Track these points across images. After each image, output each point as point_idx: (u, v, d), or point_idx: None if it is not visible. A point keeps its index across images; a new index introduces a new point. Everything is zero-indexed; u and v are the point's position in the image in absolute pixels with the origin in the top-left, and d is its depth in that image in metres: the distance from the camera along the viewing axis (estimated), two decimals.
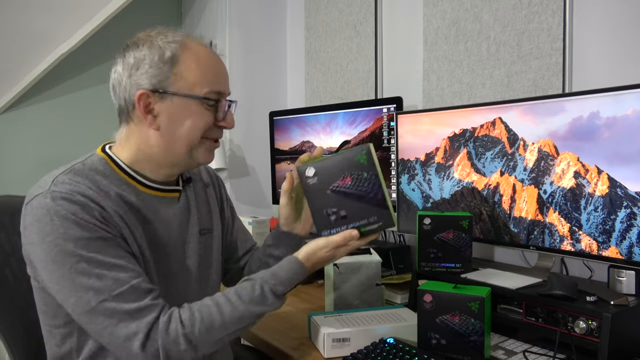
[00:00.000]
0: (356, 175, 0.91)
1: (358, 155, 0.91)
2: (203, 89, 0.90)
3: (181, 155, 0.92)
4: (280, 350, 1.10)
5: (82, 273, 0.79)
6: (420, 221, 1.24)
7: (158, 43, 0.88)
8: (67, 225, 0.79)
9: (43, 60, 2.16)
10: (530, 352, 1.02)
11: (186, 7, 2.63)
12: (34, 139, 2.29)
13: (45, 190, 0.82)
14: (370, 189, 0.91)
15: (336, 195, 0.92)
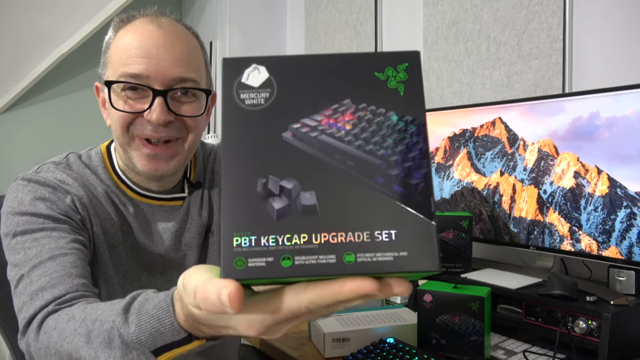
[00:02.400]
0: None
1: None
2: (117, 71, 0.74)
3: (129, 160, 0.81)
4: (280, 350, 1.10)
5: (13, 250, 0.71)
6: None
7: (110, 27, 0.80)
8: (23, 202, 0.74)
9: (43, 60, 2.17)
10: (530, 352, 1.02)
11: (186, 7, 2.63)
12: (34, 139, 2.30)
13: (26, 173, 0.79)
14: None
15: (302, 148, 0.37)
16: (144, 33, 0.74)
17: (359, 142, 0.36)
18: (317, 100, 0.37)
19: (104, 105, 0.81)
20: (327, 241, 0.35)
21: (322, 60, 0.38)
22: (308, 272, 0.34)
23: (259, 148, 0.36)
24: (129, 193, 0.85)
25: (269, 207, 0.35)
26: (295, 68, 0.37)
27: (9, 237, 0.73)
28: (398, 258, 0.35)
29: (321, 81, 0.37)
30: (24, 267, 0.68)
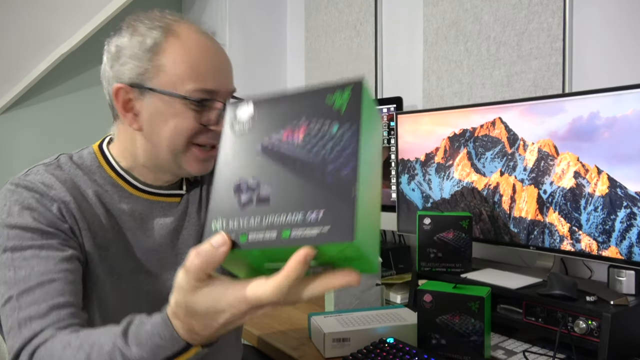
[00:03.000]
0: (317, 128, 0.48)
1: (334, 92, 0.48)
2: (187, 86, 0.76)
3: (166, 162, 0.81)
4: (280, 350, 1.10)
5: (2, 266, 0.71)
6: (420, 221, 1.24)
7: (141, 29, 0.76)
8: (12, 212, 0.73)
9: (43, 60, 2.17)
10: (530, 352, 1.02)
11: (186, 7, 2.63)
12: (34, 139, 2.30)
13: (15, 177, 0.78)
14: (334, 156, 0.46)
15: (267, 157, 0.48)
16: (205, 47, 0.77)
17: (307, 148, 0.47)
18: (282, 121, 0.49)
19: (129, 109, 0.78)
20: (272, 221, 0.45)
21: (292, 94, 0.50)
22: (256, 245, 0.45)
23: (238, 159, 0.50)
24: (128, 189, 0.84)
25: (238, 199, 0.48)
26: (271, 101, 0.51)
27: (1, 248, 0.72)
28: (321, 232, 0.43)
29: (287, 108, 0.50)
30: (12, 288, 0.68)
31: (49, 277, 0.69)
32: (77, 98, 2.38)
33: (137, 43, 0.75)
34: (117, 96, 0.77)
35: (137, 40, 0.76)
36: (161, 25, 0.76)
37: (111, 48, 0.78)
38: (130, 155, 0.83)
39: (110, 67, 0.78)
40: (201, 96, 0.77)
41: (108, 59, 0.79)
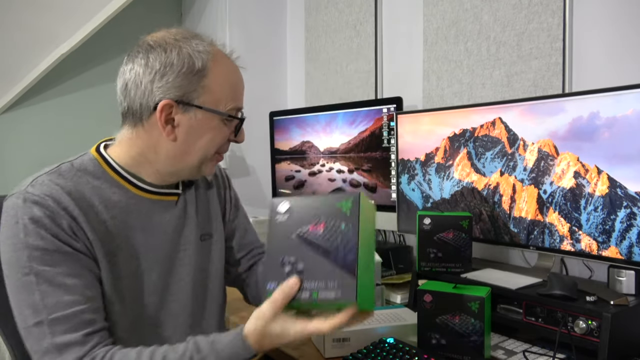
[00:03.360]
0: (332, 224, 0.72)
1: (342, 201, 0.72)
2: (227, 105, 0.86)
3: (189, 167, 0.88)
4: (280, 350, 1.10)
5: (26, 287, 0.75)
6: (420, 221, 1.24)
7: (188, 51, 0.83)
8: (28, 232, 0.76)
9: (43, 60, 2.17)
10: (530, 352, 1.02)
11: (186, 7, 2.63)
12: (34, 139, 2.29)
13: (20, 190, 0.79)
14: (342, 245, 0.70)
15: (301, 242, 0.73)
16: (237, 71, 0.90)
17: (326, 238, 0.72)
18: (309, 218, 0.74)
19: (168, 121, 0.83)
20: (305, 286, 0.71)
21: (315, 198, 0.75)
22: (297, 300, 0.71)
23: (281, 241, 0.74)
24: (132, 189, 0.88)
25: (283, 270, 0.73)
26: (299, 201, 0.75)
27: (21, 272, 0.75)
28: (336, 295, 0.69)
29: (312, 208, 0.74)
30: (41, 313, 0.75)
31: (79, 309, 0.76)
32: (77, 98, 2.38)
33: (186, 64, 0.82)
34: (162, 110, 0.82)
35: (185, 62, 0.82)
36: (208, 51, 0.85)
37: (154, 63, 0.82)
38: (145, 159, 0.87)
39: (150, 81, 0.82)
40: (235, 114, 0.88)
41: (148, 73, 0.82)
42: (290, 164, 1.95)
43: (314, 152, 1.86)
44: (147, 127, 0.85)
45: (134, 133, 0.87)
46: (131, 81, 0.83)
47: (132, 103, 0.84)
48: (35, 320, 0.75)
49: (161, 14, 2.62)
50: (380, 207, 1.63)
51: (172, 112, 0.83)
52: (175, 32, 0.85)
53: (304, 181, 1.90)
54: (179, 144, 0.85)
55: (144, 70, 0.82)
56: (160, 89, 0.82)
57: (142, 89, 0.83)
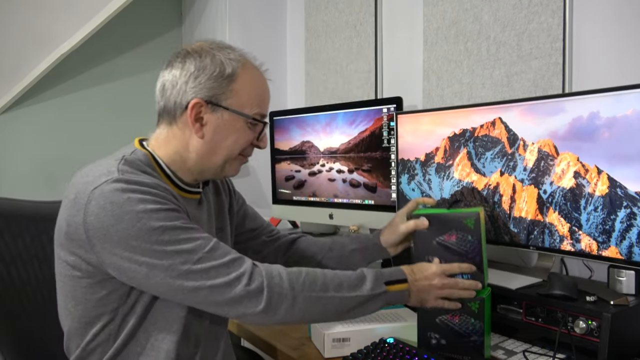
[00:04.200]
0: (462, 235, 0.99)
1: (468, 219, 0.98)
2: (253, 110, 0.95)
3: (215, 166, 0.96)
4: (280, 350, 1.10)
5: (170, 241, 0.81)
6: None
7: (220, 57, 0.92)
8: (144, 201, 0.81)
9: (43, 60, 2.17)
10: (530, 352, 1.02)
11: (186, 7, 2.63)
12: (34, 139, 2.30)
13: (112, 177, 0.83)
14: (471, 251, 0.98)
15: (440, 246, 1.00)
16: (264, 81, 0.98)
17: (458, 245, 1.00)
18: (444, 230, 1.01)
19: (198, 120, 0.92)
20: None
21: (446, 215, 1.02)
22: None
23: (426, 245, 1.03)
24: (175, 190, 0.94)
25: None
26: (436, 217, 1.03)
27: (155, 235, 0.81)
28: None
29: (446, 223, 1.01)
30: (196, 252, 0.82)
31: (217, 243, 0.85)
32: (77, 98, 2.38)
33: (218, 69, 0.92)
34: (193, 108, 0.91)
35: (217, 67, 0.92)
36: (238, 59, 0.94)
37: (189, 67, 0.92)
38: (180, 157, 0.95)
39: (185, 82, 0.91)
40: (260, 118, 0.96)
41: (183, 75, 0.92)
42: (290, 164, 1.95)
43: (314, 152, 1.86)
44: (180, 125, 0.93)
45: (170, 132, 0.95)
46: (169, 82, 0.93)
47: (167, 102, 0.93)
48: (195, 259, 0.81)
49: (161, 14, 2.62)
50: (380, 207, 1.63)
51: (202, 111, 0.92)
52: (211, 42, 0.96)
53: (304, 181, 1.90)
54: (206, 142, 0.93)
55: (181, 72, 0.92)
56: (193, 89, 0.91)
57: (177, 89, 0.92)
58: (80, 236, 0.83)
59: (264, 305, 0.82)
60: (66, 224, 0.85)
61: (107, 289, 0.86)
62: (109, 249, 0.81)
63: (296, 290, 0.85)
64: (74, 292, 0.88)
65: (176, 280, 0.81)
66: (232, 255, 0.85)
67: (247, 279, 0.83)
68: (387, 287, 0.92)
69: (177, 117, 0.93)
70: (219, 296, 0.82)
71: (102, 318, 0.88)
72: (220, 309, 0.84)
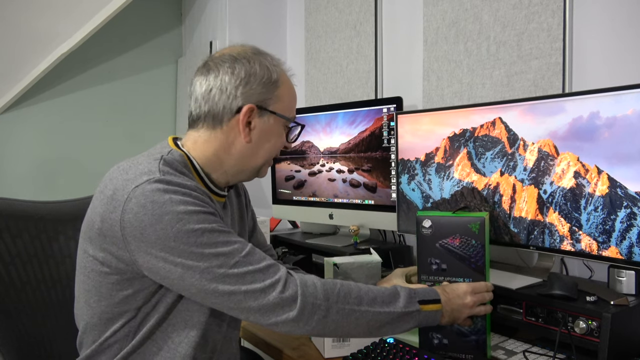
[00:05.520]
0: (465, 240, 1.00)
1: (472, 223, 0.99)
2: (292, 113, 1.01)
3: (252, 168, 0.99)
4: (280, 350, 1.10)
5: (208, 244, 0.81)
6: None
7: (266, 64, 0.96)
8: (185, 202, 0.82)
9: (43, 60, 2.17)
10: (530, 352, 1.02)
11: (186, 7, 2.63)
12: (34, 139, 2.30)
13: (154, 177, 0.83)
14: (474, 255, 0.99)
15: (443, 249, 1.01)
16: (293, 86, 1.02)
17: (461, 248, 1.00)
18: (447, 233, 1.01)
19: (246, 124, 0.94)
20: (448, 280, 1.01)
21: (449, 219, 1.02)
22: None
23: (429, 248, 1.03)
24: (204, 188, 0.95)
25: (431, 268, 1.02)
26: (439, 220, 1.02)
27: (193, 237, 0.81)
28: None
29: (449, 227, 1.01)
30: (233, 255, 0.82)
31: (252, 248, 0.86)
32: (77, 98, 2.38)
33: (267, 75, 0.95)
34: (245, 113, 0.93)
35: (265, 73, 0.95)
36: (278, 65, 0.99)
37: (239, 72, 0.94)
38: (218, 159, 0.96)
39: (235, 87, 0.93)
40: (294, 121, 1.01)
41: (233, 80, 0.94)
42: (290, 163, 1.95)
43: (314, 152, 1.86)
44: (226, 128, 0.94)
45: (212, 135, 0.95)
46: (217, 87, 0.94)
47: (214, 106, 0.94)
48: (232, 263, 0.82)
49: (161, 14, 2.62)
50: (380, 207, 1.63)
51: (252, 115, 0.94)
52: (250, 47, 1.01)
53: (304, 181, 1.90)
54: (251, 145, 0.96)
55: (230, 77, 0.94)
56: (244, 95, 0.93)
57: (226, 94, 0.93)
58: (115, 233, 0.82)
59: (297, 313, 0.82)
60: (100, 220, 0.84)
61: (134, 287, 0.86)
62: (144, 248, 0.81)
63: (330, 301, 0.84)
64: (100, 288, 0.87)
65: (211, 283, 0.81)
66: (268, 262, 0.85)
67: (282, 286, 0.83)
68: (420, 306, 0.91)
69: (224, 121, 0.94)
70: (252, 302, 0.82)
71: (125, 315, 0.88)
72: (252, 315, 0.83)
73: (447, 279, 1.01)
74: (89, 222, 0.88)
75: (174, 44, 2.66)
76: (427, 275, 1.03)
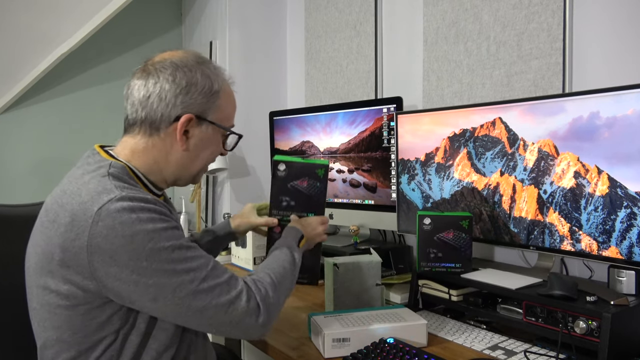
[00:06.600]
0: (312, 182, 1.19)
1: (318, 169, 1.19)
2: (230, 122, 1.02)
3: (189, 175, 1.00)
4: (280, 351, 1.10)
5: (179, 260, 0.82)
6: (420, 221, 1.24)
7: (208, 73, 0.95)
8: (152, 220, 0.82)
9: (43, 60, 2.17)
10: (530, 352, 1.02)
11: (186, 7, 2.63)
12: (34, 139, 2.29)
13: (115, 195, 0.81)
14: (317, 194, 1.19)
15: (293, 189, 1.19)
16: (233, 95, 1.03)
17: (308, 189, 1.19)
18: (298, 175, 1.19)
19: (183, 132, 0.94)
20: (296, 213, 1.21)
21: (301, 164, 1.19)
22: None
23: (282, 188, 1.20)
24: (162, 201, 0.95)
25: (282, 204, 1.20)
26: (292, 164, 1.19)
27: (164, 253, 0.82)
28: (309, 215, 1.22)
29: (300, 170, 1.19)
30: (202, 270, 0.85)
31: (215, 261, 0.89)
32: (77, 98, 2.38)
33: (207, 85, 0.95)
34: (184, 122, 0.92)
35: (207, 83, 0.95)
36: (218, 74, 0.98)
37: (180, 81, 0.92)
38: (158, 167, 0.95)
39: (175, 95, 0.92)
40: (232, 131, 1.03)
41: (174, 88, 0.92)
42: None
43: (314, 152, 1.86)
44: (163, 136, 0.93)
45: (149, 142, 0.93)
46: (155, 94, 0.92)
47: (152, 113, 0.92)
48: (201, 278, 0.84)
49: (161, 14, 2.62)
50: (380, 207, 1.63)
51: (190, 124, 0.93)
52: (192, 54, 0.97)
53: None
54: (188, 154, 0.96)
55: (170, 85, 0.92)
56: (183, 104, 0.92)
57: (165, 102, 0.92)
58: (80, 261, 0.80)
59: (264, 318, 0.88)
60: (61, 250, 0.81)
61: (107, 312, 0.84)
62: (113, 273, 0.79)
63: (279, 292, 0.94)
64: (71, 322, 0.84)
65: (184, 300, 0.82)
66: (229, 273, 0.88)
67: (246, 295, 0.87)
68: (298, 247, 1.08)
69: (162, 129, 0.92)
70: (223, 315, 0.84)
71: (105, 340, 0.85)
72: (224, 327, 0.86)
73: (295, 213, 1.20)
74: (45, 256, 0.83)
75: (174, 44, 2.66)
76: (277, 210, 1.21)
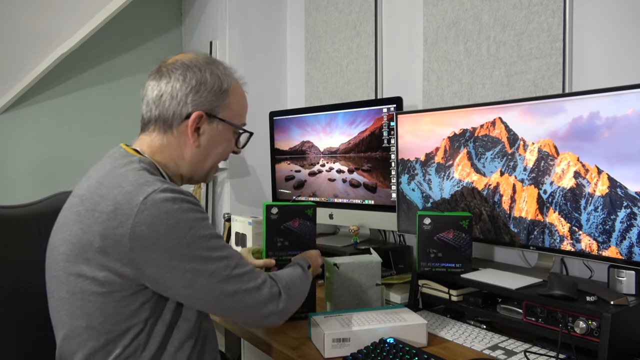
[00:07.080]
0: (302, 222, 1.29)
1: (307, 209, 1.29)
2: (241, 121, 1.06)
3: (202, 172, 1.04)
4: (280, 351, 1.10)
5: (215, 248, 0.88)
6: (420, 221, 1.24)
7: (217, 73, 1.00)
8: (192, 210, 0.87)
9: (43, 60, 2.17)
10: (530, 352, 1.02)
11: (186, 7, 2.63)
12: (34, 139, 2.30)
13: (158, 187, 0.86)
14: (307, 232, 1.29)
15: (286, 230, 1.28)
16: (245, 95, 1.08)
17: (299, 229, 1.29)
18: (289, 217, 1.28)
19: (196, 130, 0.99)
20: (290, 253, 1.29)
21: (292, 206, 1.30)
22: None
23: (275, 230, 1.28)
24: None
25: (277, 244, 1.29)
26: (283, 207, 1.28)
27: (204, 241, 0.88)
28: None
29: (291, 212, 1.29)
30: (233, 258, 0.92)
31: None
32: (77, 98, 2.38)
33: (217, 84, 1.00)
34: (195, 119, 0.97)
35: (216, 82, 1.00)
36: (229, 74, 1.03)
37: (190, 80, 0.98)
38: (175, 164, 1.01)
39: (186, 94, 0.98)
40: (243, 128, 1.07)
41: (185, 87, 0.98)
42: (290, 164, 1.95)
43: (314, 152, 1.86)
44: (176, 133, 0.99)
45: (165, 140, 0.99)
46: (168, 93, 0.98)
47: (164, 111, 0.98)
48: (233, 265, 0.90)
49: (161, 14, 2.62)
50: (380, 207, 1.63)
51: (200, 122, 0.99)
52: (203, 56, 1.02)
53: (304, 181, 1.90)
54: (200, 150, 1.01)
55: (181, 84, 0.98)
56: (194, 102, 0.98)
57: (177, 100, 0.98)
58: (121, 248, 0.83)
59: (284, 305, 0.96)
60: (101, 238, 0.84)
61: (140, 300, 0.87)
62: (154, 259, 0.83)
63: (296, 289, 1.02)
64: (104, 308, 0.86)
65: (218, 285, 0.88)
66: (251, 265, 0.96)
67: (270, 282, 0.95)
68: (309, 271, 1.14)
69: (174, 126, 0.98)
70: (251, 299, 0.91)
71: (133, 329, 0.88)
72: (249, 310, 0.92)
73: (288, 253, 1.27)
74: (81, 244, 0.86)
75: (174, 44, 2.66)
76: (272, 251, 1.28)
